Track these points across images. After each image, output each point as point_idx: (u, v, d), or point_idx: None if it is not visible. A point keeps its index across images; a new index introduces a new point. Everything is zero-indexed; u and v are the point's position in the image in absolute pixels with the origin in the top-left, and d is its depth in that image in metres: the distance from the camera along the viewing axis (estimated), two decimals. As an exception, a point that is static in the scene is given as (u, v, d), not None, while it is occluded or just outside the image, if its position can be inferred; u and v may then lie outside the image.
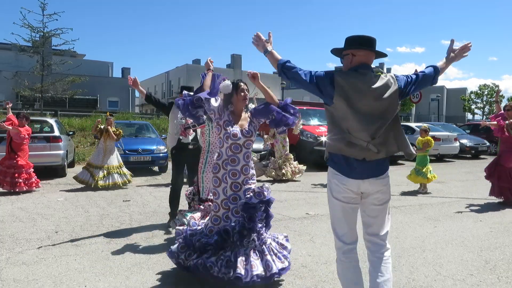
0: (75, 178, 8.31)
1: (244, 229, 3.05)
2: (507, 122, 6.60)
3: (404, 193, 7.95)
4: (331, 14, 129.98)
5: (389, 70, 54.76)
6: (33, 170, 7.90)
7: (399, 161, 14.12)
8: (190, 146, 5.09)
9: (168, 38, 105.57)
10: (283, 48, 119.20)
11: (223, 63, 48.06)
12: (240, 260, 2.97)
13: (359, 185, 2.43)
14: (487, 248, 4.32)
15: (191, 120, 4.18)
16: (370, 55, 2.51)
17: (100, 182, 8.05)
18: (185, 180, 5.55)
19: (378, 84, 2.43)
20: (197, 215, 4.03)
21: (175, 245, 3.32)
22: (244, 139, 3.19)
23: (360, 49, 2.47)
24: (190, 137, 5.08)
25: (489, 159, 14.79)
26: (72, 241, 4.53)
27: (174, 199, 5.16)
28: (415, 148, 8.41)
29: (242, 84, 3.32)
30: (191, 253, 3.18)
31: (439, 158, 15.30)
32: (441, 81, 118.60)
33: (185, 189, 4.84)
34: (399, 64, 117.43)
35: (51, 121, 10.28)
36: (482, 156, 16.47)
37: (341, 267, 2.53)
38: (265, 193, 3.19)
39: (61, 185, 8.64)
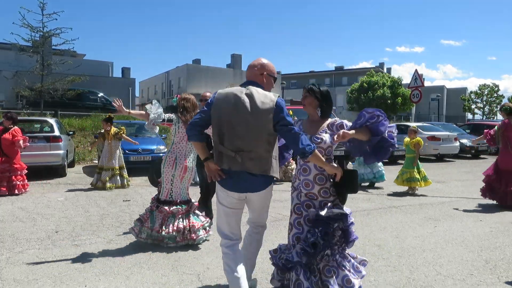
0: (92, 185, 8.32)
1: (318, 243, 2.78)
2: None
3: (404, 193, 7.95)
4: (331, 14, 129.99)
5: (389, 70, 54.67)
6: (26, 172, 7.74)
7: (399, 161, 14.11)
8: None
9: (168, 38, 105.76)
10: (282, 48, 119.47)
11: (223, 63, 48.03)
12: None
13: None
14: (487, 248, 4.33)
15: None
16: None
17: (108, 184, 8.13)
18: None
19: None
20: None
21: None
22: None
23: None
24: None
25: (489, 159, 14.89)
26: (72, 241, 4.53)
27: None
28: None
29: (304, 89, 3.06)
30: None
31: (439, 158, 15.31)
32: (441, 80, 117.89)
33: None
34: (399, 64, 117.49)
35: (51, 121, 10.28)
36: (482, 156, 16.48)
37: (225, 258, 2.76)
38: (343, 210, 2.88)
39: (61, 185, 8.64)
